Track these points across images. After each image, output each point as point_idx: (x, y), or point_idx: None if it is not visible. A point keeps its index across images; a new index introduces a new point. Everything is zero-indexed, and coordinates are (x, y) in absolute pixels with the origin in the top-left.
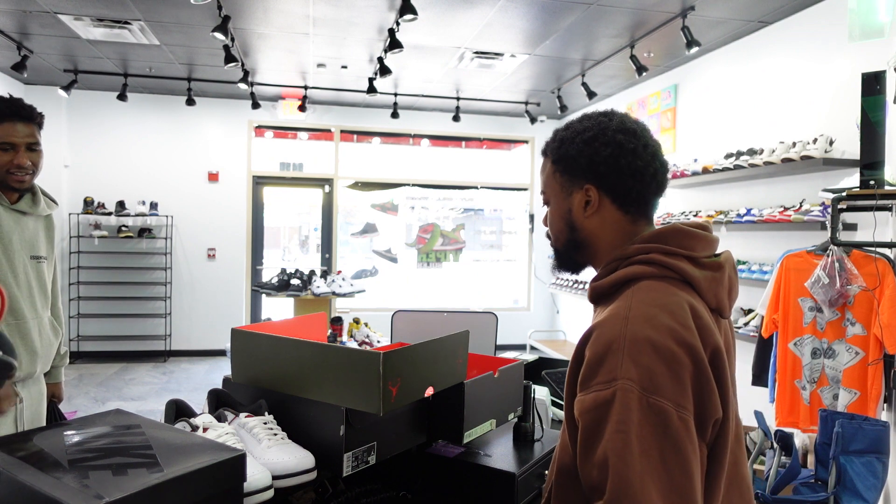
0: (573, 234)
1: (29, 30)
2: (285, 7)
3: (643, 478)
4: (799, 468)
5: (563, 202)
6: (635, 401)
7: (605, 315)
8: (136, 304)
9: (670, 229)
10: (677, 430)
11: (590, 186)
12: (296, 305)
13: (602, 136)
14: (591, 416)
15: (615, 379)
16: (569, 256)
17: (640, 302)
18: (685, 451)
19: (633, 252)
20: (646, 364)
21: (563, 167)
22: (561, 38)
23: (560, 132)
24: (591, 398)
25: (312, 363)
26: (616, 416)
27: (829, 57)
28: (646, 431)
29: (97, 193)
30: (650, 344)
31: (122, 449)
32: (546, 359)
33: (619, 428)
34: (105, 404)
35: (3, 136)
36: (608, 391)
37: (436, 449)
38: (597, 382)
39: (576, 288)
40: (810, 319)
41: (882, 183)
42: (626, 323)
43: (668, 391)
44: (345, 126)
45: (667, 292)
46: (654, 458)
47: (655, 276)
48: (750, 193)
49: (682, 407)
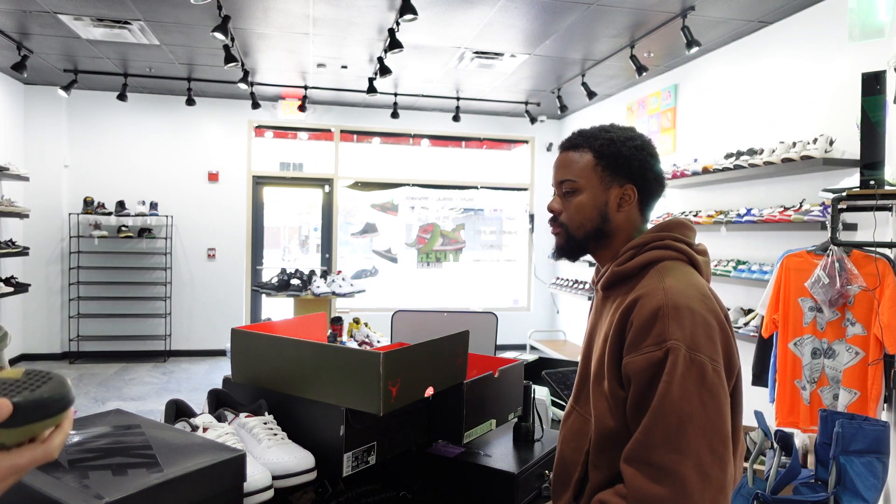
0: (603, 224)
1: (29, 30)
2: (285, 7)
3: (682, 418)
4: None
5: (601, 194)
6: (681, 357)
7: (642, 290)
8: (136, 304)
9: (675, 222)
10: (713, 379)
11: (631, 186)
12: (296, 305)
13: (647, 147)
14: (646, 373)
15: (665, 340)
16: (584, 243)
17: (671, 278)
18: (718, 396)
19: (649, 240)
20: (687, 326)
21: (608, 163)
22: (561, 38)
23: (604, 133)
24: (644, 359)
25: (312, 363)
26: (667, 370)
27: (829, 57)
28: (688, 380)
29: (97, 193)
30: (689, 310)
31: (122, 449)
32: (546, 359)
33: (667, 379)
34: (105, 404)
35: None
36: (660, 351)
37: (436, 449)
38: (648, 344)
39: (576, 288)
40: (810, 319)
41: (882, 183)
42: (665, 294)
43: (705, 348)
44: (345, 126)
45: (686, 271)
46: (693, 401)
47: (672, 258)
48: (750, 193)
49: (715, 361)
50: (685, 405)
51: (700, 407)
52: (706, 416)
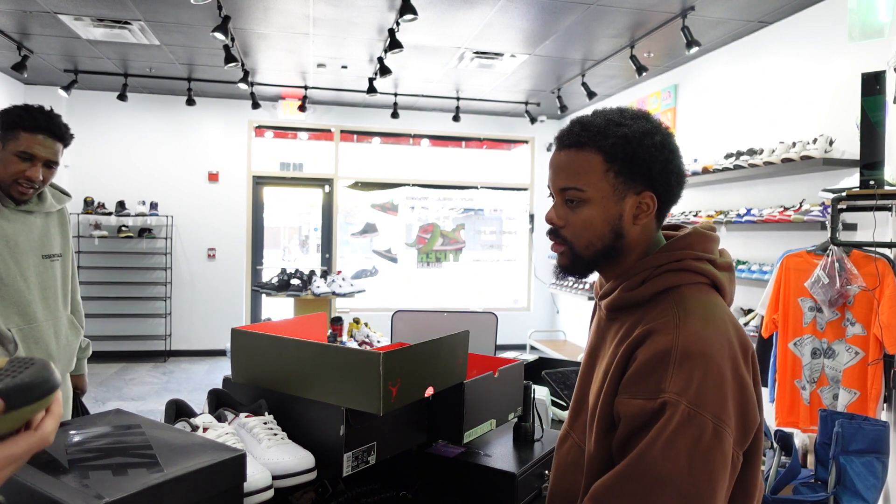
0: (616, 241)
1: (29, 30)
2: (285, 7)
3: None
4: (799, 468)
5: (613, 206)
6: (679, 413)
7: (653, 324)
8: (137, 304)
9: (694, 235)
10: (710, 443)
11: (650, 194)
12: (296, 305)
13: (669, 143)
14: (636, 420)
15: (664, 391)
16: (593, 262)
17: (687, 313)
18: (714, 461)
19: (665, 260)
20: (695, 379)
21: (623, 167)
22: (561, 38)
23: (614, 127)
24: (638, 405)
25: (312, 363)
26: (659, 424)
27: (829, 57)
28: (679, 440)
29: (97, 193)
30: (702, 359)
31: (122, 449)
32: (546, 359)
33: (655, 434)
34: (105, 404)
35: (26, 146)
36: (656, 402)
37: (436, 449)
38: (645, 390)
39: (576, 288)
40: (810, 319)
41: (882, 183)
42: (678, 335)
43: (712, 405)
44: (345, 126)
45: (706, 302)
46: (679, 463)
47: (691, 283)
48: (750, 193)
49: (721, 421)
50: (667, 466)
51: (686, 471)
52: (691, 482)
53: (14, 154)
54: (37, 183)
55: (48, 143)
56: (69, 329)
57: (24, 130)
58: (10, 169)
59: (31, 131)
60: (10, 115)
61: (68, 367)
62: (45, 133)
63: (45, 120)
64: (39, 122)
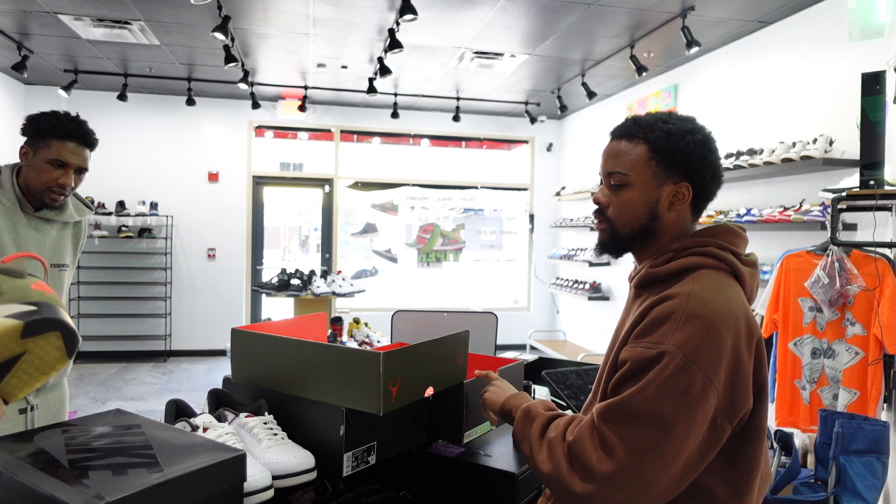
0: (652, 222)
1: (29, 30)
2: (285, 7)
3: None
4: (799, 468)
5: (652, 190)
6: (673, 363)
7: (669, 292)
8: (137, 304)
9: (723, 228)
10: (697, 396)
11: (686, 184)
12: (296, 305)
13: (708, 143)
14: (634, 365)
15: (662, 343)
16: (630, 241)
17: (701, 286)
18: (696, 415)
19: (690, 244)
20: (695, 337)
21: (664, 158)
22: (561, 38)
23: (661, 124)
24: (638, 351)
25: (312, 363)
26: (653, 372)
27: (829, 57)
28: (668, 388)
29: (97, 193)
30: (705, 322)
31: (122, 449)
32: (546, 359)
33: (647, 380)
34: (105, 404)
35: (59, 154)
36: (654, 351)
37: (436, 449)
38: (647, 341)
39: (576, 288)
40: (810, 319)
41: (882, 183)
42: (687, 299)
43: (704, 364)
44: (345, 126)
45: (723, 283)
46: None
47: (712, 267)
48: (750, 193)
49: (709, 381)
50: (651, 406)
51: (670, 415)
52: (672, 427)
53: (47, 162)
54: (68, 189)
55: (79, 150)
56: None
57: (55, 138)
58: (43, 177)
59: (62, 139)
60: (41, 122)
61: (65, 372)
62: (76, 140)
63: (75, 128)
64: (70, 130)
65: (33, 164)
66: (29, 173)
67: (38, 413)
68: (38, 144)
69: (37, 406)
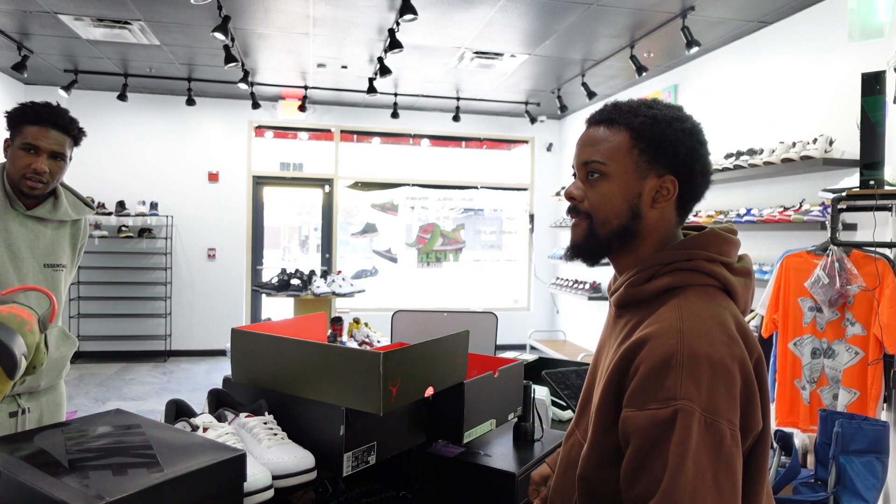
0: (632, 221)
1: (29, 30)
2: (285, 7)
3: (695, 497)
4: (799, 468)
5: (633, 183)
6: (696, 422)
7: (655, 327)
8: (137, 304)
9: (710, 235)
10: (730, 449)
11: (672, 178)
12: (296, 305)
13: (697, 133)
14: (648, 434)
15: (675, 398)
16: (607, 244)
17: (690, 314)
18: (735, 469)
19: (674, 258)
20: (705, 383)
21: (648, 146)
22: (561, 38)
23: (646, 108)
24: (648, 416)
25: (312, 363)
26: (676, 437)
27: (829, 57)
28: (702, 452)
29: (97, 193)
30: (708, 360)
31: (122, 449)
32: (546, 359)
33: (677, 450)
34: (105, 404)
35: (30, 138)
36: (667, 410)
37: (436, 449)
38: (653, 399)
39: (576, 288)
40: (810, 319)
41: (882, 183)
42: (681, 337)
43: (725, 410)
44: (345, 126)
45: (714, 303)
46: (707, 478)
47: (699, 285)
48: (750, 193)
49: (734, 425)
50: (699, 484)
51: (713, 485)
52: (719, 496)
53: (19, 148)
54: (44, 176)
55: (52, 134)
56: (61, 340)
57: (27, 124)
58: (17, 164)
59: (33, 123)
60: (14, 111)
61: (59, 376)
62: (48, 124)
63: (46, 112)
64: (41, 114)
65: (10, 155)
66: (9, 166)
67: (30, 416)
68: (14, 134)
69: (28, 409)
